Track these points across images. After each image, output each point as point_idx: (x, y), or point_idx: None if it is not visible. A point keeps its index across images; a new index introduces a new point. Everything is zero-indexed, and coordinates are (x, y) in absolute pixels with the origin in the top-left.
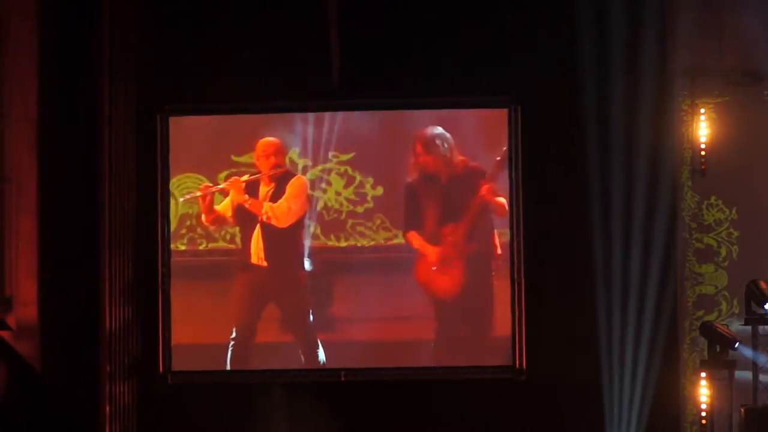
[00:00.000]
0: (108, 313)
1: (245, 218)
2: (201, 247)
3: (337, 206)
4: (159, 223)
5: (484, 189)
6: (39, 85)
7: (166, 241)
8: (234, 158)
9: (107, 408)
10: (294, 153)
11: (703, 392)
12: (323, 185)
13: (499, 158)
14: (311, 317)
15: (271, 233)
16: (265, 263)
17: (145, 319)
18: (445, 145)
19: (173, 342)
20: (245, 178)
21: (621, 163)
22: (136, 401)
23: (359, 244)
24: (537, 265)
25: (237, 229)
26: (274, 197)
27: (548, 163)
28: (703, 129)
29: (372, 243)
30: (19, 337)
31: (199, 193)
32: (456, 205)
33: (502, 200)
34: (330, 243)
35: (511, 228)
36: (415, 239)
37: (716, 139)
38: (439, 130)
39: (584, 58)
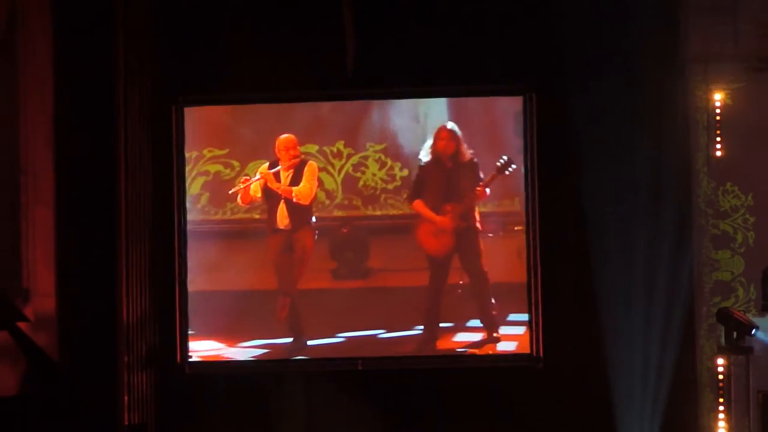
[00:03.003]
0: (125, 304)
1: (271, 196)
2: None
3: (373, 184)
4: (176, 212)
5: (480, 191)
6: (54, 77)
7: (183, 231)
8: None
9: (125, 398)
10: (340, 144)
11: (720, 378)
12: (363, 168)
13: (498, 164)
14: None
15: (290, 204)
16: (289, 227)
17: (162, 309)
18: (458, 139)
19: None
20: (264, 169)
21: (636, 150)
22: (154, 391)
23: (390, 213)
24: (553, 254)
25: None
26: (294, 180)
27: (563, 151)
28: (718, 115)
29: (400, 212)
30: (37, 328)
31: (242, 186)
32: (456, 188)
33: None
34: (368, 212)
35: (527, 218)
36: (421, 207)
37: (731, 124)
38: (455, 126)
39: (597, 45)
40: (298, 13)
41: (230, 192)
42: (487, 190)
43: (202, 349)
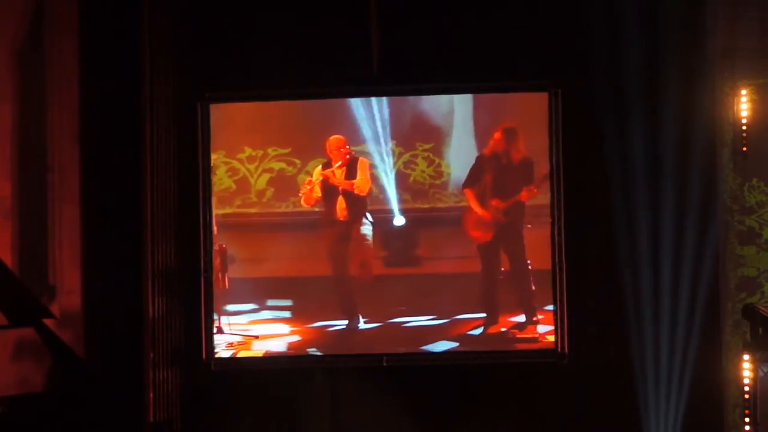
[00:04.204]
0: (151, 301)
1: (329, 192)
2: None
3: (422, 180)
4: (201, 209)
5: (524, 194)
6: (81, 75)
7: (208, 228)
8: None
9: (151, 395)
10: (392, 144)
11: (747, 375)
12: (413, 165)
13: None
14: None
15: (349, 198)
16: (347, 218)
17: (187, 306)
18: (515, 137)
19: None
20: (320, 170)
21: (662, 146)
22: (179, 388)
23: (437, 206)
24: (578, 250)
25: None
26: (348, 176)
27: (589, 147)
28: (744, 110)
29: (446, 205)
30: (63, 326)
31: (309, 187)
32: (505, 185)
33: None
34: (417, 205)
35: (552, 214)
36: (470, 196)
37: (758, 120)
38: (511, 126)
39: (624, 41)
40: (324, 10)
41: (300, 195)
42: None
43: (265, 331)
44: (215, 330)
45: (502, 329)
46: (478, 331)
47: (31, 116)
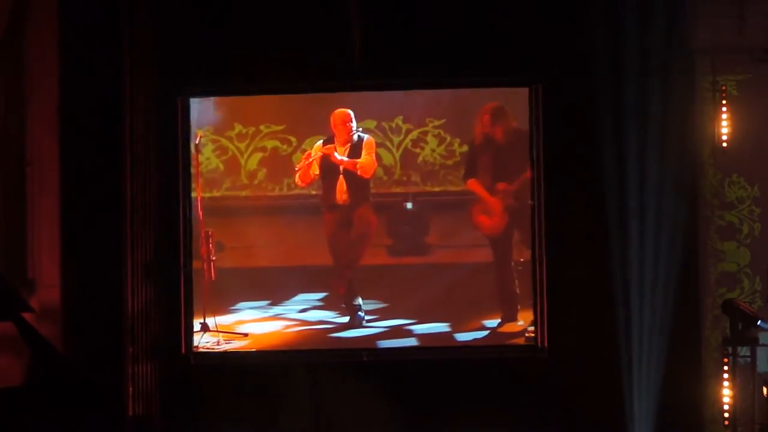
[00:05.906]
0: (130, 295)
1: (329, 171)
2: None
3: (432, 160)
4: (181, 202)
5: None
6: (60, 69)
7: (188, 222)
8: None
9: (130, 389)
10: (399, 119)
11: (726, 369)
12: (422, 144)
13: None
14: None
15: (350, 179)
16: (347, 202)
17: (167, 300)
18: (503, 115)
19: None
20: (319, 146)
21: (642, 141)
22: (158, 382)
23: (449, 189)
24: (558, 244)
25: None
26: (351, 154)
27: (569, 142)
28: (724, 106)
29: (459, 188)
30: (42, 319)
31: (306, 162)
32: (508, 166)
33: None
34: (427, 188)
35: (533, 207)
36: (476, 186)
37: (738, 116)
38: (498, 105)
39: (604, 37)
40: (304, 3)
41: (296, 170)
42: None
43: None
44: (199, 328)
45: (520, 322)
46: (494, 323)
47: (11, 110)
